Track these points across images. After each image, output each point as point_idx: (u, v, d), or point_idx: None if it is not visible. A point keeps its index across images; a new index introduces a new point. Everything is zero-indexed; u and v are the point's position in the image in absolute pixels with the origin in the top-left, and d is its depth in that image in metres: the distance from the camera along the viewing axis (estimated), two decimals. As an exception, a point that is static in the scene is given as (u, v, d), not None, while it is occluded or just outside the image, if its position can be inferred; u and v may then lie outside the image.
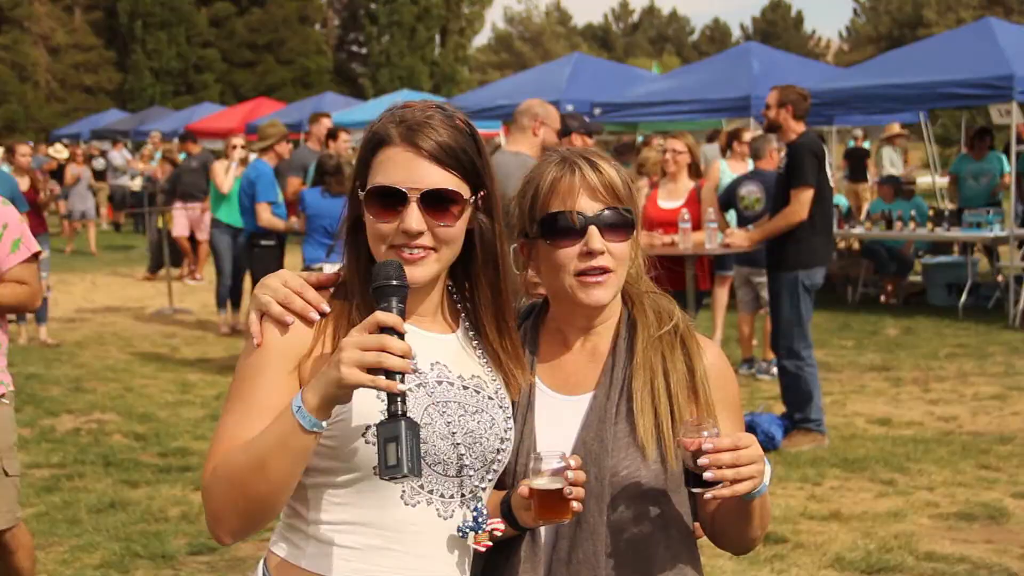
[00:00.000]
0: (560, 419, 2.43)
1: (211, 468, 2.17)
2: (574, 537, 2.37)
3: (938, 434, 8.67)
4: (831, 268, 15.29)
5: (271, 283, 2.25)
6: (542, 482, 2.22)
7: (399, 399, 2.00)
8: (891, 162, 20.85)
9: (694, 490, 2.28)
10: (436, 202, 2.20)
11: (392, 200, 2.20)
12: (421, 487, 2.22)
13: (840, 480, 7.55)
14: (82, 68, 53.48)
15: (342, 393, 2.02)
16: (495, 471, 2.34)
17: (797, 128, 8.33)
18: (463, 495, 2.27)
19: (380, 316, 2.02)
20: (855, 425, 8.98)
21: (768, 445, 8.03)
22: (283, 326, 2.20)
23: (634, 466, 2.37)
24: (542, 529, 2.39)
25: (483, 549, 2.32)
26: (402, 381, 1.99)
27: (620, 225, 2.40)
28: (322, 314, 2.23)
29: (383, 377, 1.98)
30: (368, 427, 2.15)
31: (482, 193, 2.29)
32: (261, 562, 2.32)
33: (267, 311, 2.22)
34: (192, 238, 18.11)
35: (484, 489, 2.32)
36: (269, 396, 2.17)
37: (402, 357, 1.98)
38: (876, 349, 12.15)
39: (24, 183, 11.78)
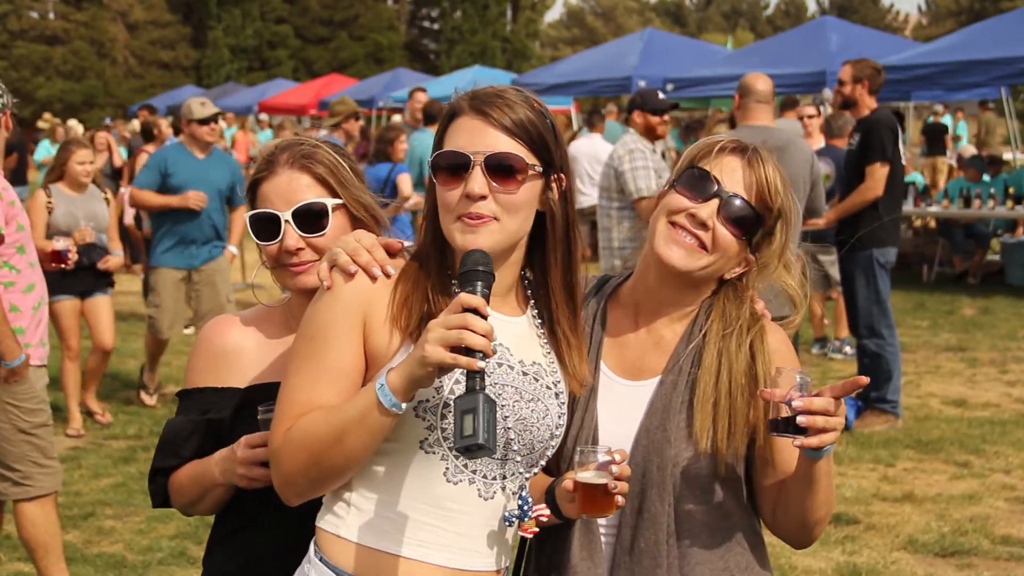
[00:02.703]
0: (623, 406, 2.43)
1: (283, 431, 2.20)
2: (636, 526, 2.38)
3: (1016, 416, 8.52)
4: (906, 247, 15.06)
5: (346, 237, 2.32)
6: (587, 476, 2.23)
7: (478, 376, 2.02)
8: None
9: (781, 435, 2.26)
10: (500, 168, 2.21)
11: (457, 166, 2.22)
12: (465, 466, 2.24)
13: (913, 462, 7.45)
14: (159, 44, 54.17)
15: (425, 374, 2.04)
16: (541, 463, 2.35)
17: (871, 104, 8.19)
18: (505, 476, 2.29)
19: (464, 298, 2.05)
20: (929, 406, 8.84)
21: (839, 425, 7.93)
22: (348, 276, 2.24)
23: (694, 456, 2.38)
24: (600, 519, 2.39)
25: (531, 535, 2.34)
26: (483, 359, 2.01)
27: (741, 218, 2.42)
28: (387, 275, 2.25)
29: (463, 355, 2.00)
30: (419, 402, 2.17)
31: (555, 176, 2.29)
32: (313, 541, 2.33)
33: (335, 261, 2.26)
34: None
35: (527, 478, 2.34)
36: (340, 357, 2.21)
37: (484, 337, 2.01)
38: (952, 329, 11.95)
39: None
